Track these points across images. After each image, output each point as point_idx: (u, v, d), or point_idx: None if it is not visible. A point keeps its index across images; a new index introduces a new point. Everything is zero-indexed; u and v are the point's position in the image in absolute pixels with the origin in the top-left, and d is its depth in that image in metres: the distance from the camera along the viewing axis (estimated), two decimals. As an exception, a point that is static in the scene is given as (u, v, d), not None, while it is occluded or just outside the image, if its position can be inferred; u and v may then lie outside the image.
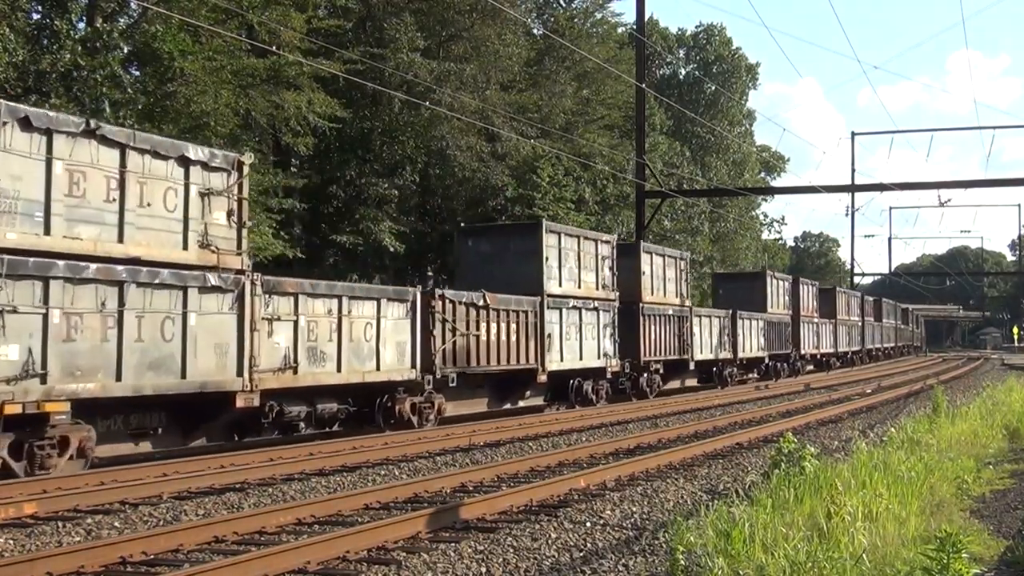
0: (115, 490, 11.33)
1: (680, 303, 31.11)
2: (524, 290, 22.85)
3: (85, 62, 21.13)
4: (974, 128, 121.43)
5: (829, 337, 50.70)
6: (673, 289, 30.96)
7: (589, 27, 49.38)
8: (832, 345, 51.38)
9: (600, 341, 25.60)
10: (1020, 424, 17.34)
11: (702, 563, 7.11)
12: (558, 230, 24.88)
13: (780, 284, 43.16)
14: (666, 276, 30.60)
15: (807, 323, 46.07)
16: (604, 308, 25.97)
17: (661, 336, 29.42)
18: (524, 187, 39.29)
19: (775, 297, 41.62)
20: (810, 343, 46.32)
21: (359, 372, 17.37)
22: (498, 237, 25.15)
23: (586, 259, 25.32)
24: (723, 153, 74.81)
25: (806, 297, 46.24)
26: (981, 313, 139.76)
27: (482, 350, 20.84)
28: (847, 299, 56.73)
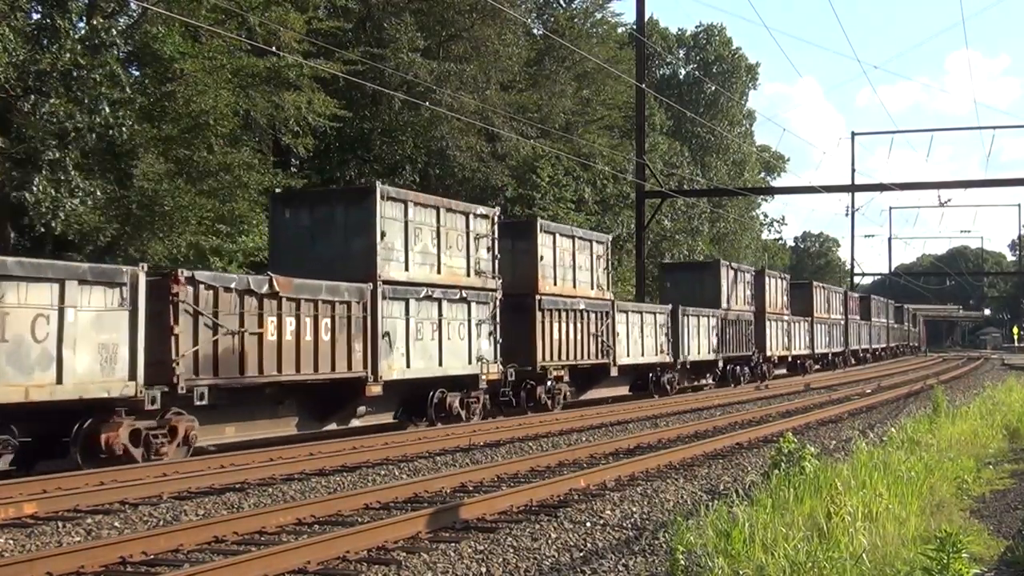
0: (115, 490, 11.33)
1: (598, 296, 25.79)
2: (353, 274, 17.60)
3: (85, 61, 21.12)
4: (974, 128, 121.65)
5: (803, 337, 45.66)
6: (587, 279, 25.41)
7: (589, 27, 49.42)
8: (807, 346, 46.46)
9: (472, 341, 20.30)
10: (1020, 424, 17.34)
11: (702, 563, 7.11)
12: (405, 198, 19.03)
13: (739, 276, 37.73)
14: (577, 262, 24.87)
15: (775, 321, 40.99)
16: (479, 299, 20.54)
17: (569, 336, 24.04)
18: (524, 187, 39.32)
19: (733, 291, 36.52)
20: (778, 344, 41.21)
21: (20, 388, 12.06)
22: (322, 206, 19.10)
23: (451, 237, 19.88)
24: (723, 153, 74.87)
25: (774, 292, 41.02)
26: (981, 313, 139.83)
27: (269, 354, 15.46)
28: (826, 295, 51.75)
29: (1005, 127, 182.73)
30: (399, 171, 36.11)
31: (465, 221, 20.44)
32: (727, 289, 35.94)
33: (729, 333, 35.19)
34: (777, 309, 41.32)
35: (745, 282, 38.11)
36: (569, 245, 24.76)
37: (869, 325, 63.89)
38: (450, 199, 21.61)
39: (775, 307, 41.04)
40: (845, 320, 55.52)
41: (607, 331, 25.98)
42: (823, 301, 50.31)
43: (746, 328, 37.14)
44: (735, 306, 36.31)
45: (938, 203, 66.14)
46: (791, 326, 43.33)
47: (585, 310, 24.97)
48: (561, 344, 23.77)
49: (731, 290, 36.28)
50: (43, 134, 20.95)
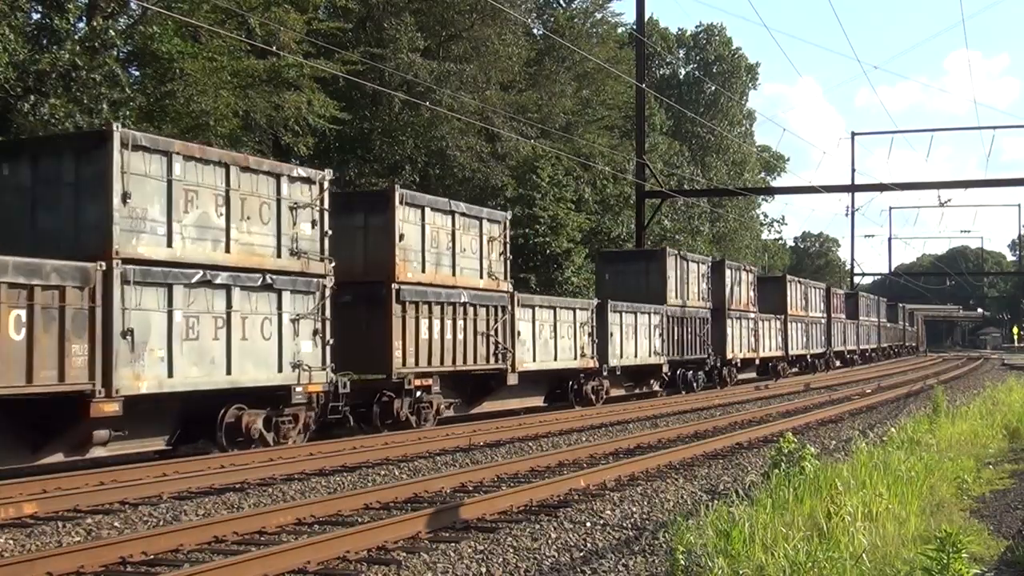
0: (115, 490, 11.33)
1: (490, 286, 21.16)
2: (83, 251, 13.06)
3: (83, 62, 21.13)
4: (974, 128, 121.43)
5: (775, 337, 41.23)
6: (474, 265, 20.81)
7: (589, 27, 49.45)
8: (779, 347, 41.95)
9: (285, 342, 15.54)
10: (1020, 424, 17.34)
11: (702, 563, 7.11)
12: (168, 148, 14.03)
13: (691, 268, 32.86)
14: (459, 244, 20.33)
15: (739, 319, 36.50)
16: (296, 288, 15.79)
17: (446, 335, 19.57)
18: (524, 187, 39.32)
19: (683, 284, 31.91)
20: (743, 345, 36.78)
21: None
22: (47, 159, 14.03)
23: (250, 205, 15.09)
24: (723, 153, 74.87)
25: (737, 287, 36.60)
26: (981, 313, 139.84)
27: None
28: (804, 291, 47.19)
29: (1005, 127, 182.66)
30: (399, 171, 36.13)
31: (275, 185, 15.61)
32: (676, 282, 31.46)
33: (678, 333, 31.02)
34: (741, 306, 36.87)
35: (700, 274, 33.41)
36: (446, 223, 20.00)
37: (857, 324, 59.43)
38: (260, 157, 17.57)
39: (739, 303, 36.67)
40: (827, 319, 51.07)
41: (503, 330, 21.28)
42: (799, 297, 46.02)
43: (701, 327, 32.81)
44: (686, 302, 31.94)
45: (938, 203, 66.18)
46: (759, 325, 38.69)
47: (470, 304, 20.24)
48: (432, 346, 19.11)
49: (681, 283, 31.77)
50: (43, 134, 20.94)
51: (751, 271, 39.14)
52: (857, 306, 60.22)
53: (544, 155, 39.23)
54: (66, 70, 20.99)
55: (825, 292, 51.57)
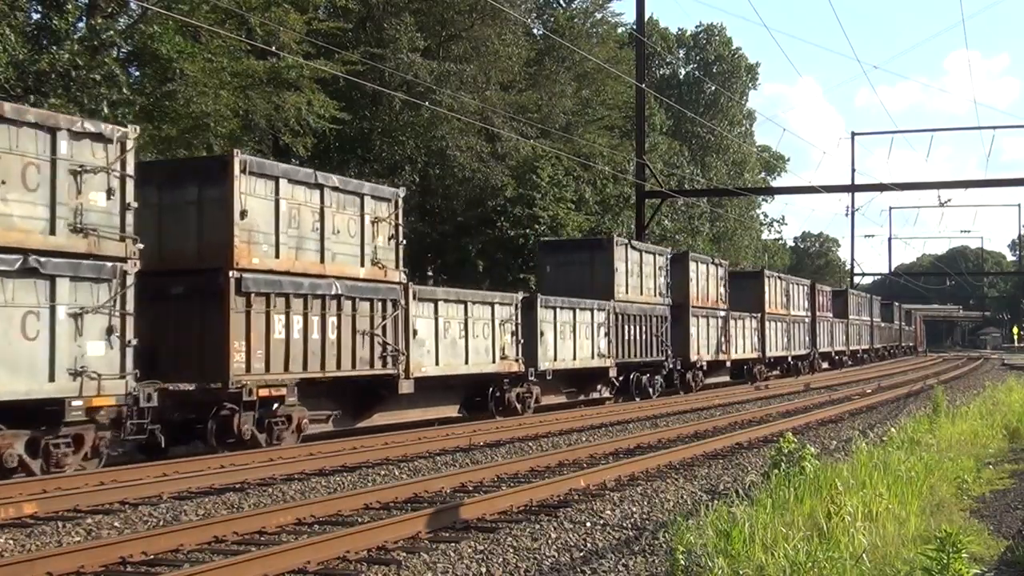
0: (115, 490, 11.33)
1: (374, 276, 17.73)
2: None
3: (83, 61, 21.13)
4: (974, 128, 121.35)
5: (750, 338, 38.02)
6: (353, 251, 17.37)
7: (589, 27, 49.45)
8: (756, 348, 38.66)
9: (60, 344, 12.32)
10: (1020, 424, 17.34)
11: (702, 563, 7.11)
12: None
13: (646, 260, 29.32)
14: (329, 226, 16.74)
15: (706, 318, 33.22)
16: (77, 274, 12.57)
17: (311, 335, 16.25)
18: (524, 187, 39.33)
19: (635, 278, 28.36)
20: (709, 346, 33.51)
21: None
22: None
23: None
24: (723, 153, 74.90)
25: (704, 281, 33.37)
26: (981, 313, 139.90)
27: None
28: (785, 288, 43.27)
29: (1005, 127, 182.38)
30: (399, 171, 36.15)
31: (48, 142, 12.30)
32: (626, 275, 27.77)
33: (630, 332, 27.48)
34: (708, 302, 33.45)
35: (656, 267, 29.74)
36: (311, 198, 16.53)
37: (846, 324, 55.89)
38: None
39: (705, 300, 33.14)
40: (812, 317, 47.31)
41: (394, 328, 17.97)
42: (779, 294, 42.09)
43: (658, 326, 29.25)
44: (639, 297, 28.33)
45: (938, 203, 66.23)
46: (731, 324, 35.33)
47: (346, 296, 16.85)
48: (290, 348, 15.81)
49: (633, 276, 28.14)
50: None
51: (721, 265, 35.43)
52: (846, 304, 57.14)
53: (544, 155, 39.24)
54: (65, 70, 21.00)
55: (809, 289, 47.88)
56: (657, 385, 29.40)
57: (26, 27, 22.44)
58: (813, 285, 49.02)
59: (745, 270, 51.59)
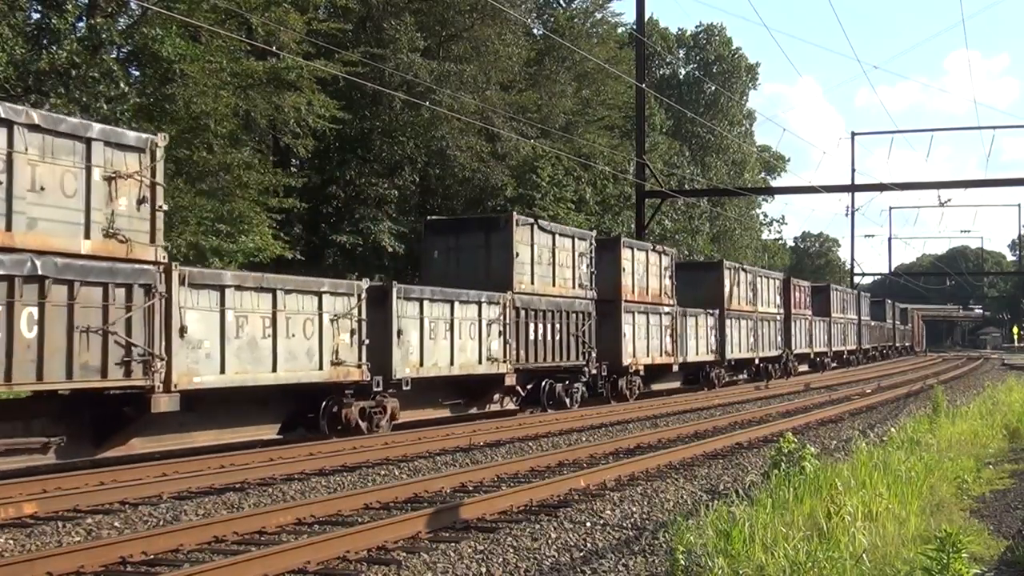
0: (115, 490, 11.33)
1: (112, 254, 13.11)
2: None
3: (81, 60, 21.13)
4: (974, 128, 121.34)
5: (705, 338, 32.90)
6: (71, 218, 12.69)
7: (589, 27, 49.48)
8: (713, 350, 33.59)
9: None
10: (1020, 424, 17.34)
11: (702, 563, 7.11)
12: None
13: (560, 243, 23.79)
14: (24, 182, 12.06)
15: (644, 314, 27.90)
16: None
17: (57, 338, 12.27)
18: (524, 187, 39.34)
19: (544, 266, 23.15)
20: (652, 347, 28.39)
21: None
22: None
23: None
24: (723, 153, 74.92)
25: (641, 272, 28.14)
26: (981, 313, 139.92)
27: None
28: (752, 282, 38.14)
29: (1005, 127, 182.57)
30: (399, 171, 36.15)
31: None
32: (531, 262, 22.63)
33: (538, 331, 22.58)
34: (649, 297, 28.47)
35: (576, 253, 24.36)
36: None
37: (828, 322, 50.91)
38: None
39: (643, 293, 28.17)
40: (786, 315, 42.49)
41: (146, 324, 13.29)
42: (744, 289, 37.18)
43: (578, 323, 24.01)
44: (550, 289, 23.24)
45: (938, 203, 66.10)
46: (680, 322, 30.49)
47: (56, 280, 12.18)
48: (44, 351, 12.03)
49: (539, 265, 22.94)
50: None
51: (665, 253, 30.35)
52: (829, 301, 51.87)
53: (544, 155, 39.25)
54: (65, 69, 21.00)
55: (782, 284, 42.90)
56: (577, 394, 24.28)
57: (26, 27, 22.44)
58: (788, 279, 44.54)
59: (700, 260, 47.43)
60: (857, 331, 59.37)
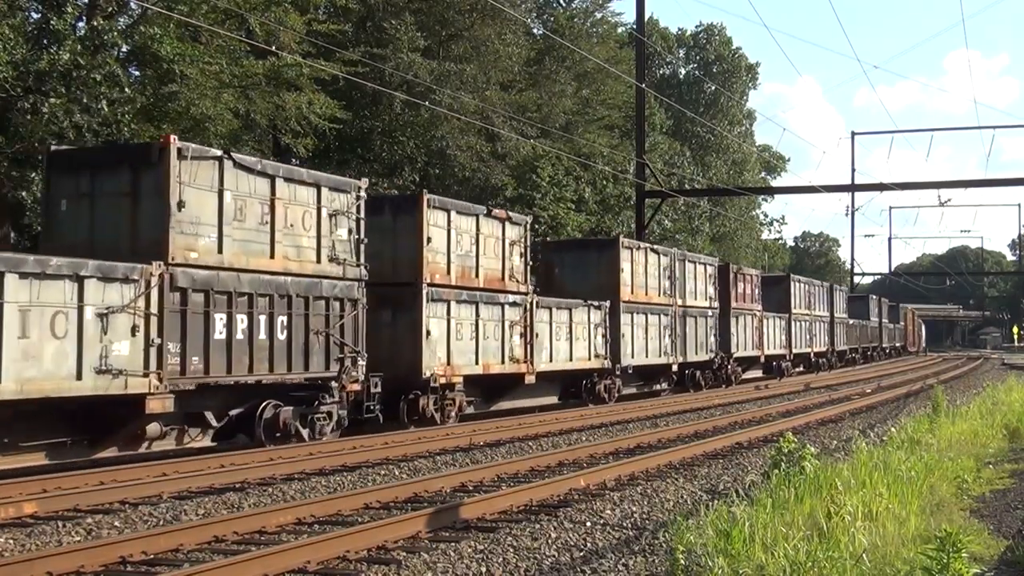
0: (115, 490, 11.33)
1: None
2: None
3: (84, 61, 21.13)
4: (974, 128, 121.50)
5: (591, 338, 25.15)
6: None
7: (589, 27, 49.48)
8: (601, 353, 25.55)
9: None
10: (1020, 424, 17.34)
11: (702, 563, 7.11)
12: None
13: (290, 195, 15.94)
14: None
15: (471, 305, 20.37)
16: None
17: None
18: (524, 187, 39.34)
19: (251, 226, 15.21)
20: (480, 352, 20.58)
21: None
22: None
23: None
24: (723, 153, 74.88)
25: (470, 248, 20.55)
26: (981, 313, 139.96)
27: None
28: (668, 267, 29.99)
29: (1005, 127, 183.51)
30: (399, 171, 36.14)
31: None
32: (215, 218, 14.76)
33: (226, 328, 14.79)
34: (485, 281, 20.89)
35: (328, 213, 16.62)
36: None
37: (788, 319, 42.76)
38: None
39: (461, 275, 20.27)
40: (722, 310, 34.26)
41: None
42: (653, 275, 28.90)
43: (329, 317, 16.61)
44: (257, 262, 15.34)
45: (938, 203, 66.06)
46: (533, 315, 22.37)
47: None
48: None
49: (236, 223, 15.03)
50: (42, 134, 20.93)
51: (514, 222, 22.16)
52: (788, 295, 43.50)
53: (544, 155, 39.25)
54: (66, 70, 20.99)
55: (718, 272, 34.59)
56: (326, 424, 16.62)
57: (26, 27, 22.42)
58: (726, 266, 36.65)
59: (578, 238, 38.12)
60: (829, 330, 51.08)
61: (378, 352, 18.02)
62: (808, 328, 46.51)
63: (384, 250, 18.76)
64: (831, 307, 51.63)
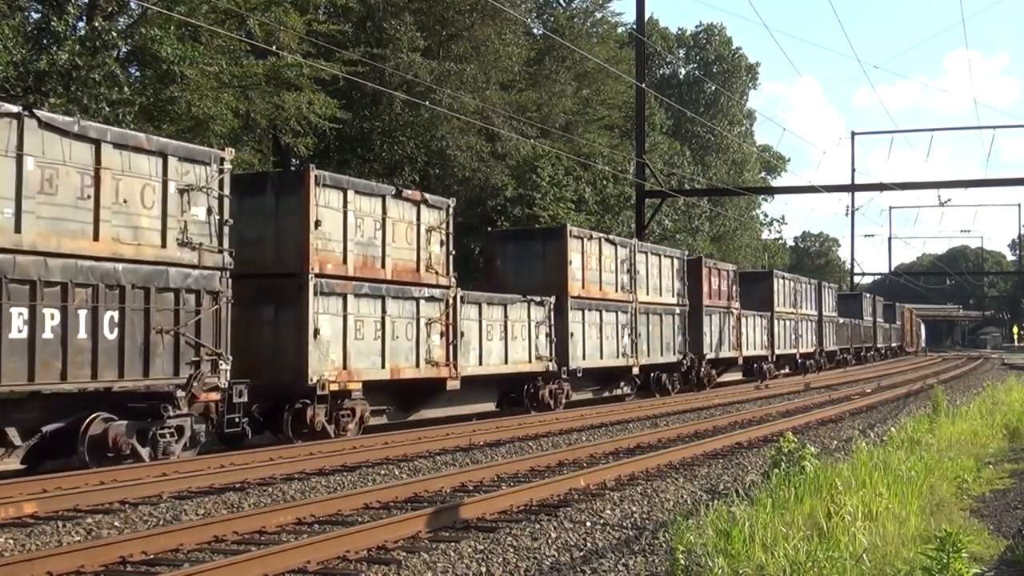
0: (115, 490, 11.32)
1: None
2: None
3: (83, 61, 21.12)
4: (974, 128, 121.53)
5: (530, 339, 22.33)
6: None
7: (589, 27, 49.47)
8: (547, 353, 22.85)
9: None
10: (1020, 424, 17.34)
11: (702, 563, 7.11)
12: None
13: (116, 163, 13.02)
14: None
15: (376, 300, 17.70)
16: None
17: None
18: (524, 187, 39.32)
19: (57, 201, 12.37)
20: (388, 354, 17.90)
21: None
22: None
23: None
24: (723, 153, 74.89)
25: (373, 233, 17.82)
26: (981, 313, 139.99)
27: None
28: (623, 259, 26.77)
29: (1005, 127, 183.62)
30: (399, 171, 36.13)
31: None
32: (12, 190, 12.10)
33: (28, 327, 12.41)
34: (388, 271, 18.10)
35: (174, 186, 13.69)
36: None
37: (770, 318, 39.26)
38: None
39: (359, 265, 17.46)
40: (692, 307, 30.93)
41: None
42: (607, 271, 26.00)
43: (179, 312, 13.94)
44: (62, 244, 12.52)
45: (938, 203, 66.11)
46: (457, 311, 19.72)
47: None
48: None
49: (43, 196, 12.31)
50: None
51: (432, 204, 19.41)
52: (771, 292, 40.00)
53: (544, 155, 39.23)
54: (66, 70, 20.99)
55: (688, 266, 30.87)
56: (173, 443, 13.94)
57: (26, 27, 22.41)
58: (697, 261, 32.87)
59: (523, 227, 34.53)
60: (817, 330, 47.98)
61: (259, 354, 15.81)
62: (794, 328, 43.37)
63: (266, 236, 16.39)
64: (819, 305, 48.65)
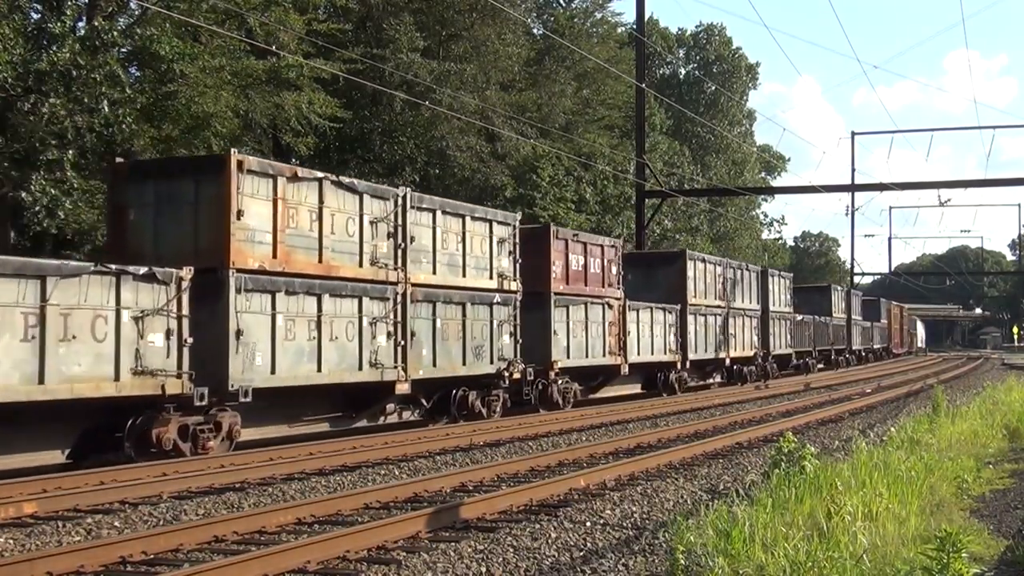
0: (115, 490, 11.32)
1: None
2: None
3: (84, 61, 21.12)
4: (973, 128, 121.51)
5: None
6: None
7: (589, 27, 49.53)
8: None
9: None
10: (1020, 424, 17.34)
11: (702, 563, 7.11)
12: None
13: None
14: None
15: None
16: None
17: None
18: (524, 187, 39.35)
19: None
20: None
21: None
22: None
23: None
24: (723, 153, 74.92)
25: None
26: (981, 313, 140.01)
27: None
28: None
29: (1004, 127, 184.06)
30: (399, 171, 36.15)
31: None
32: None
33: None
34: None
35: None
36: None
37: (679, 312, 30.12)
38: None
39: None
40: (517, 294, 21.23)
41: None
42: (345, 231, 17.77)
43: None
44: None
45: (938, 203, 65.84)
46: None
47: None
48: None
49: None
50: (42, 134, 20.92)
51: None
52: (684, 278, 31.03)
53: (544, 155, 39.26)
54: (66, 69, 20.98)
55: (519, 235, 21.56)
56: None
57: (26, 27, 22.40)
58: (544, 229, 24.34)
59: None
60: (760, 328, 37.97)
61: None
62: (720, 325, 33.51)
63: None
64: (764, 298, 38.86)
